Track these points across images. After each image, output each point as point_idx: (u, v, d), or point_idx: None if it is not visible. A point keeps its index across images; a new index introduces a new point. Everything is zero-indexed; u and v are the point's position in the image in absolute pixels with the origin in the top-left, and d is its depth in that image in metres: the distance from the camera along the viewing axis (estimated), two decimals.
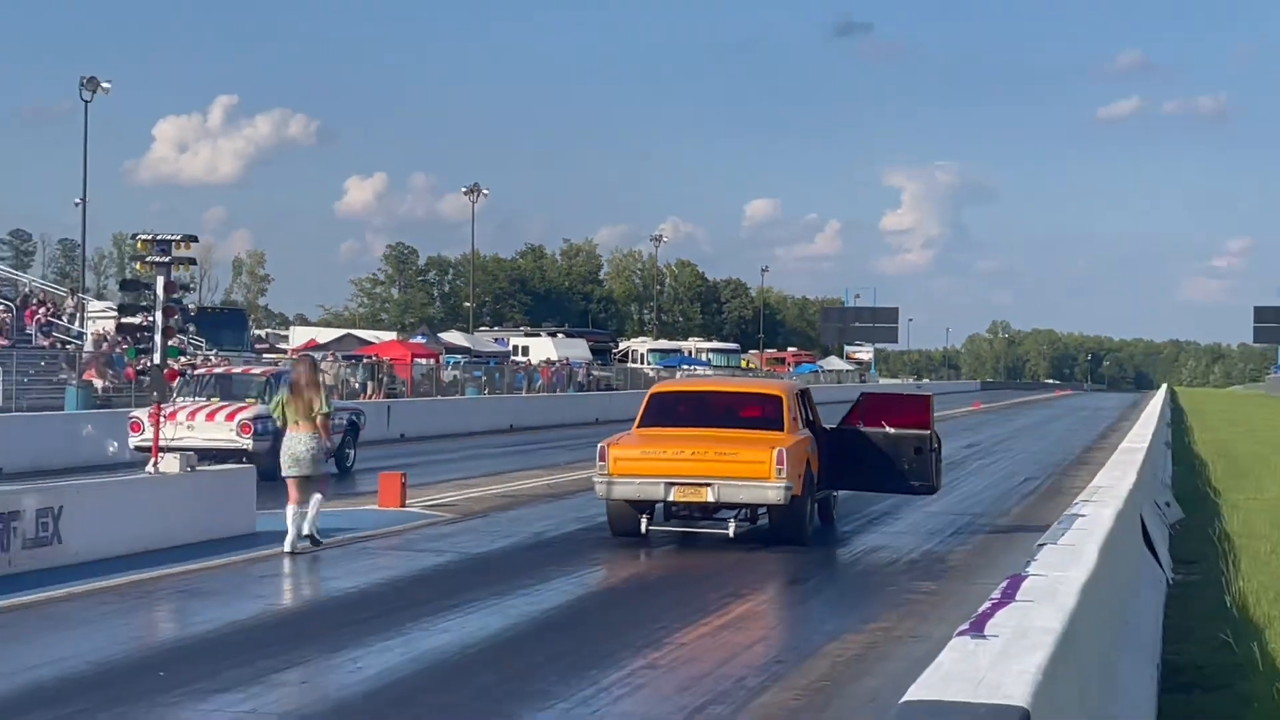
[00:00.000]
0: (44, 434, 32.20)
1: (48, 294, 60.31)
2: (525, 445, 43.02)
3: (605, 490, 20.18)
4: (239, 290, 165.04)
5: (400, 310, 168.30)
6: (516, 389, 67.89)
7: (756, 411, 20.97)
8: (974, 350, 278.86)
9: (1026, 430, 59.74)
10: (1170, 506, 23.41)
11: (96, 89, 61.82)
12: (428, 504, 24.44)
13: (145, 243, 19.87)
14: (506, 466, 33.76)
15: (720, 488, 19.65)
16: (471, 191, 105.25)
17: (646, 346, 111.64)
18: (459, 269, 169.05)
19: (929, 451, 21.83)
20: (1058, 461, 39.84)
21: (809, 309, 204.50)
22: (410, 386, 60.29)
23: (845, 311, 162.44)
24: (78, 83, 61.55)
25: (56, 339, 51.23)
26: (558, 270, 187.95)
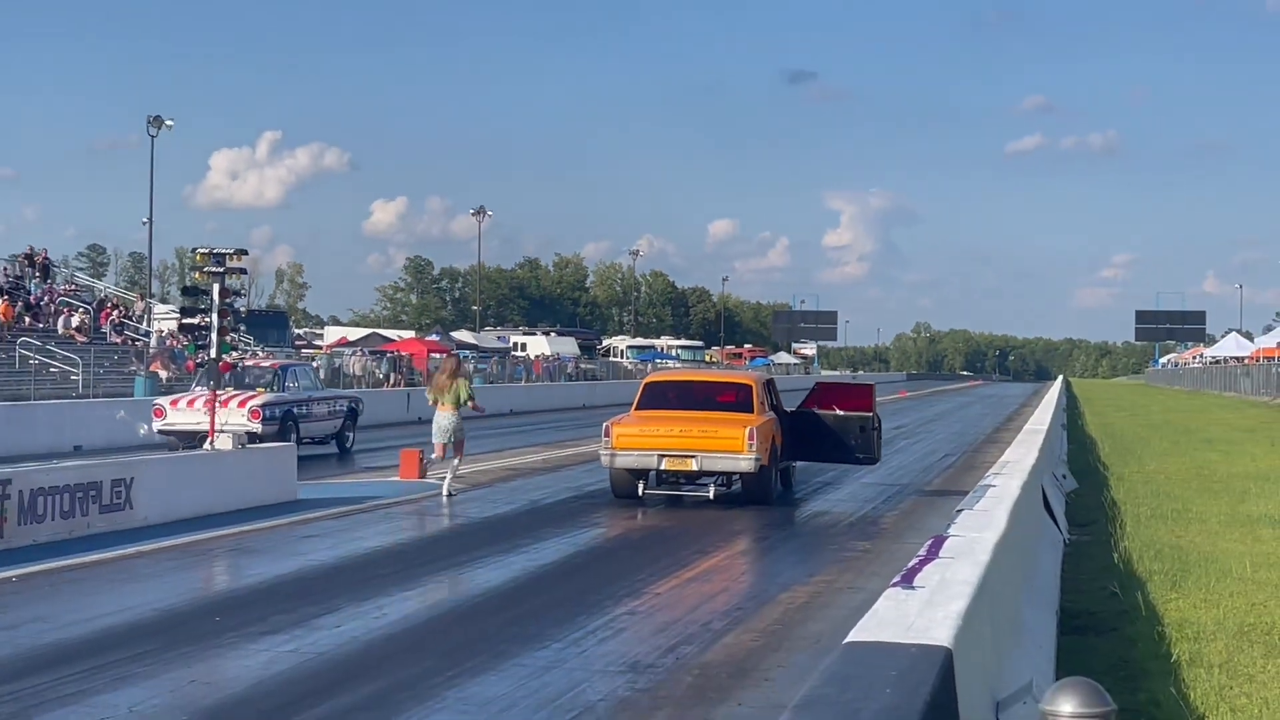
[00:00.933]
0: (116, 417, 32.02)
1: (120, 299, 60.11)
2: (524, 426, 42.90)
3: (609, 461, 20.75)
4: (281, 296, 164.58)
5: (418, 313, 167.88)
6: (516, 379, 67.79)
7: (731, 397, 21.56)
8: (900, 347, 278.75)
9: (945, 415, 59.74)
10: (1066, 478, 23.41)
11: (161, 126, 61.55)
12: (441, 476, 24.32)
13: (203, 255, 19.80)
14: (508, 444, 33.66)
15: (702, 458, 20.28)
16: (479, 213, 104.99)
17: (625, 344, 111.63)
18: (467, 278, 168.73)
19: (872, 430, 22.34)
20: (971, 441, 39.84)
21: (762, 312, 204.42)
22: (426, 377, 60.14)
23: (793, 314, 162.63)
24: (145, 120, 61.25)
25: (128, 336, 51.00)
26: (550, 279, 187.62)
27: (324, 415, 30.14)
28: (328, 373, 52.99)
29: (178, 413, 28.02)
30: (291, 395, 29.30)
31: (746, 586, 14.34)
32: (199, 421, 25.86)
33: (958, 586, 6.79)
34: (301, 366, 32.88)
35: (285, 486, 20.19)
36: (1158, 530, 17.26)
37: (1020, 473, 13.91)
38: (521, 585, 13.89)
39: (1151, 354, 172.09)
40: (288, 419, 28.52)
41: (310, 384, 30.75)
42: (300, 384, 30.07)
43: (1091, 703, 5.03)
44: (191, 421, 27.24)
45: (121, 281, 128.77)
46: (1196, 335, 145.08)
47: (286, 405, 28.80)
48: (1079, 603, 12.42)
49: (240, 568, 15.25)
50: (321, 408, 30.12)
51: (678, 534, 17.88)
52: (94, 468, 17.12)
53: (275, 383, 29.22)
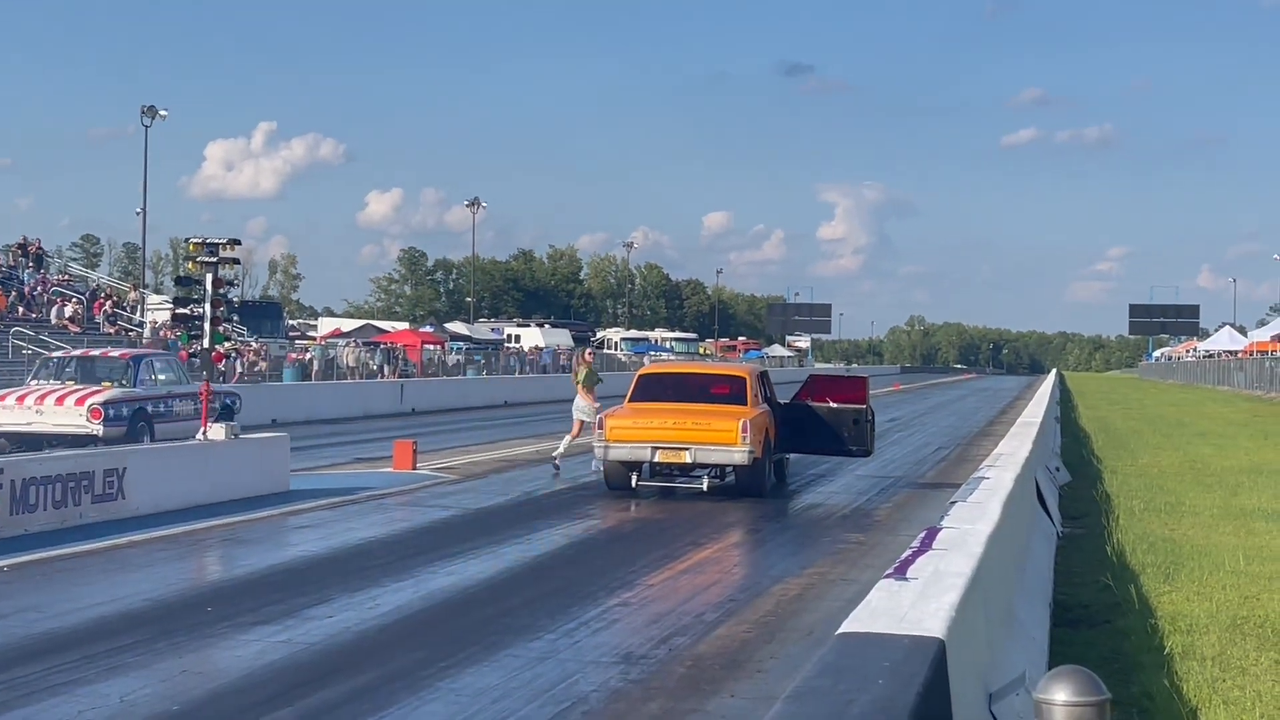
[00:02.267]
0: None
1: (113, 289, 60.03)
2: (518, 418, 42.86)
3: (603, 453, 20.77)
4: (275, 287, 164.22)
5: (412, 304, 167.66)
6: (510, 371, 67.74)
7: (725, 390, 21.55)
8: (894, 340, 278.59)
9: (939, 407, 59.77)
10: (1060, 471, 23.43)
11: (155, 116, 61.31)
12: (435, 467, 24.35)
13: (196, 245, 19.75)
14: (502, 436, 33.63)
15: (696, 451, 20.32)
16: (473, 204, 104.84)
17: (619, 336, 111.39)
18: (462, 269, 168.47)
19: (865, 422, 22.32)
20: (965, 433, 39.84)
21: (756, 305, 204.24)
22: (420, 368, 60.13)
23: (787, 307, 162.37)
24: (139, 110, 61.07)
25: (121, 327, 50.93)
26: (545, 271, 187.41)
27: (189, 415, 25.78)
28: (322, 363, 52.98)
29: (4, 410, 24.88)
30: (145, 391, 25.85)
31: (739, 578, 14.34)
32: (29, 422, 23.91)
33: (951, 578, 6.78)
34: (161, 357, 28.47)
35: (277, 477, 20.16)
36: (1151, 523, 17.27)
37: (1014, 465, 13.90)
38: (515, 576, 13.87)
39: (1145, 348, 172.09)
40: (139, 419, 25.30)
41: (172, 377, 26.91)
42: (158, 378, 26.44)
43: (1086, 691, 5.03)
44: (18, 422, 24.50)
45: (116, 272, 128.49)
46: (1190, 329, 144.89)
47: (138, 403, 25.41)
48: (1072, 595, 12.42)
49: (232, 558, 15.21)
50: (186, 405, 26.27)
51: (671, 526, 17.87)
52: (86, 457, 17.10)
53: (126, 376, 25.74)
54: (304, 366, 51.51)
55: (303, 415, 38.65)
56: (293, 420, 36.50)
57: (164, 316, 46.09)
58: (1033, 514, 14.75)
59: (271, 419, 35.69)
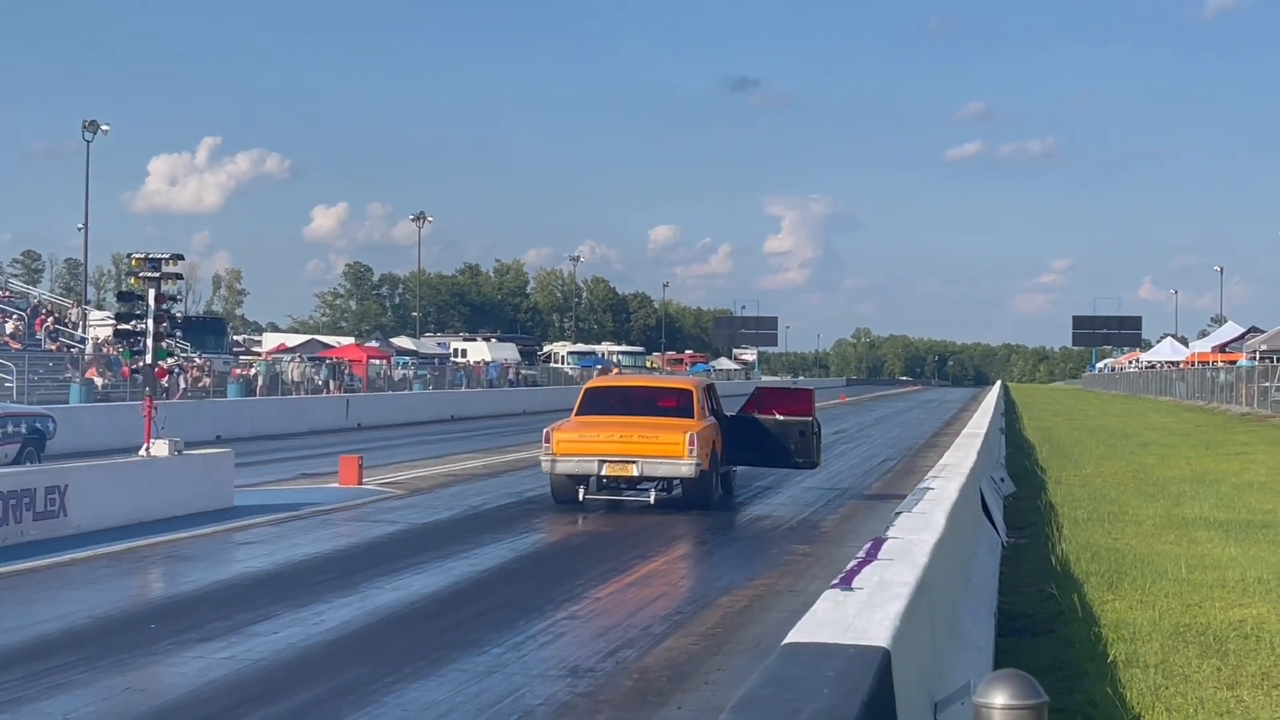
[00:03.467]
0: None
1: (55, 305, 59.56)
2: (464, 433, 42.77)
3: (550, 467, 20.72)
4: (219, 302, 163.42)
5: (357, 319, 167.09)
6: (456, 385, 67.57)
7: (672, 403, 21.59)
8: (840, 352, 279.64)
9: (885, 419, 60.00)
10: (1004, 482, 23.54)
11: (97, 130, 61.00)
12: (381, 482, 24.24)
13: (139, 260, 19.60)
14: (448, 450, 33.53)
15: (643, 464, 20.38)
16: (418, 218, 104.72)
17: (566, 349, 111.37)
18: (408, 284, 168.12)
19: (811, 434, 22.42)
20: (910, 445, 40.00)
21: (703, 318, 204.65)
22: (366, 383, 59.91)
23: (733, 320, 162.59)
24: (81, 125, 60.67)
25: (63, 343, 50.53)
26: (491, 285, 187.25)
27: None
28: (267, 379, 52.71)
29: None
30: None
31: (686, 591, 14.33)
32: None
33: (896, 588, 6.80)
34: None
35: (222, 493, 20.03)
36: (1094, 533, 17.37)
37: (958, 475, 13.96)
38: (461, 590, 13.82)
39: (1088, 359, 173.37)
40: None
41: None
42: None
43: (1024, 694, 5.06)
44: None
45: (57, 288, 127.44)
46: (1133, 340, 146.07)
47: None
48: (1017, 604, 12.48)
49: (176, 575, 15.07)
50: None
51: (618, 539, 17.86)
52: (27, 474, 16.95)
53: None
54: (249, 382, 51.23)
55: (248, 431, 38.45)
56: (238, 436, 36.33)
57: (106, 332, 45.71)
58: (977, 524, 14.81)
59: (216, 435, 35.51)
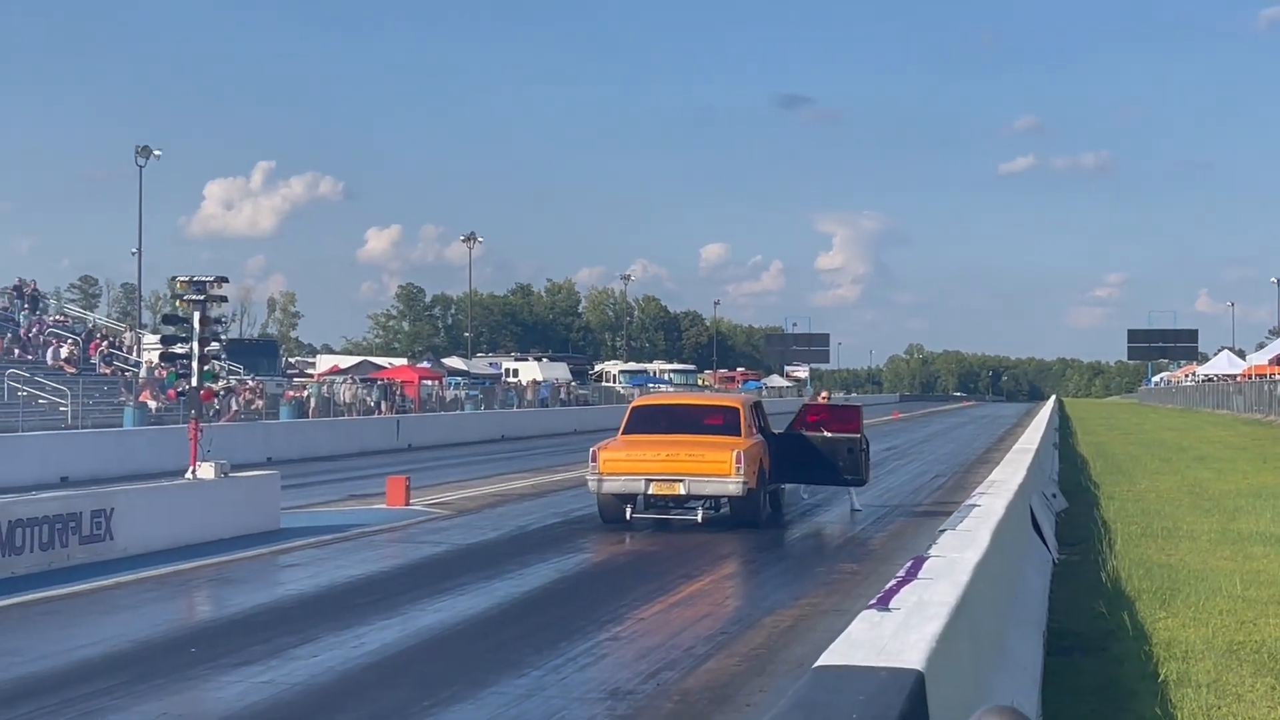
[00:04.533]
0: (104, 448, 31.89)
1: (109, 329, 59.98)
2: (514, 452, 42.72)
3: (596, 486, 20.60)
4: (273, 325, 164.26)
5: (410, 340, 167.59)
6: (508, 405, 67.60)
7: (719, 420, 21.40)
8: (893, 368, 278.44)
9: (937, 435, 59.60)
10: (1056, 498, 23.25)
11: (149, 156, 61.48)
12: (428, 503, 24.21)
13: (184, 283, 19.63)
14: (497, 470, 33.48)
15: (690, 483, 20.18)
16: (469, 239, 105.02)
17: (618, 368, 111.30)
18: (460, 305, 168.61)
19: (859, 451, 22.23)
20: (963, 461, 39.68)
21: (755, 335, 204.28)
22: (418, 404, 60.01)
23: (785, 337, 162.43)
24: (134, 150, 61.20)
25: (117, 367, 50.84)
26: (543, 305, 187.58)
27: None
28: (318, 401, 52.90)
29: None
30: None
31: (731, 610, 14.16)
32: None
33: (934, 608, 6.64)
34: None
35: (268, 515, 20.02)
36: (1148, 549, 17.11)
37: (1006, 492, 13.76)
38: (504, 612, 13.71)
39: (1144, 373, 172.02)
40: None
41: None
42: None
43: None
44: None
45: (114, 313, 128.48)
46: (1189, 353, 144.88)
47: None
48: (1067, 623, 12.26)
49: (219, 598, 15.05)
50: None
51: (664, 558, 17.72)
52: (74, 498, 16.95)
53: None
54: (301, 404, 51.40)
55: (299, 453, 38.53)
56: (289, 458, 36.38)
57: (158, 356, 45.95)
58: (1027, 541, 14.60)
59: (267, 457, 35.56)
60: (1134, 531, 18.96)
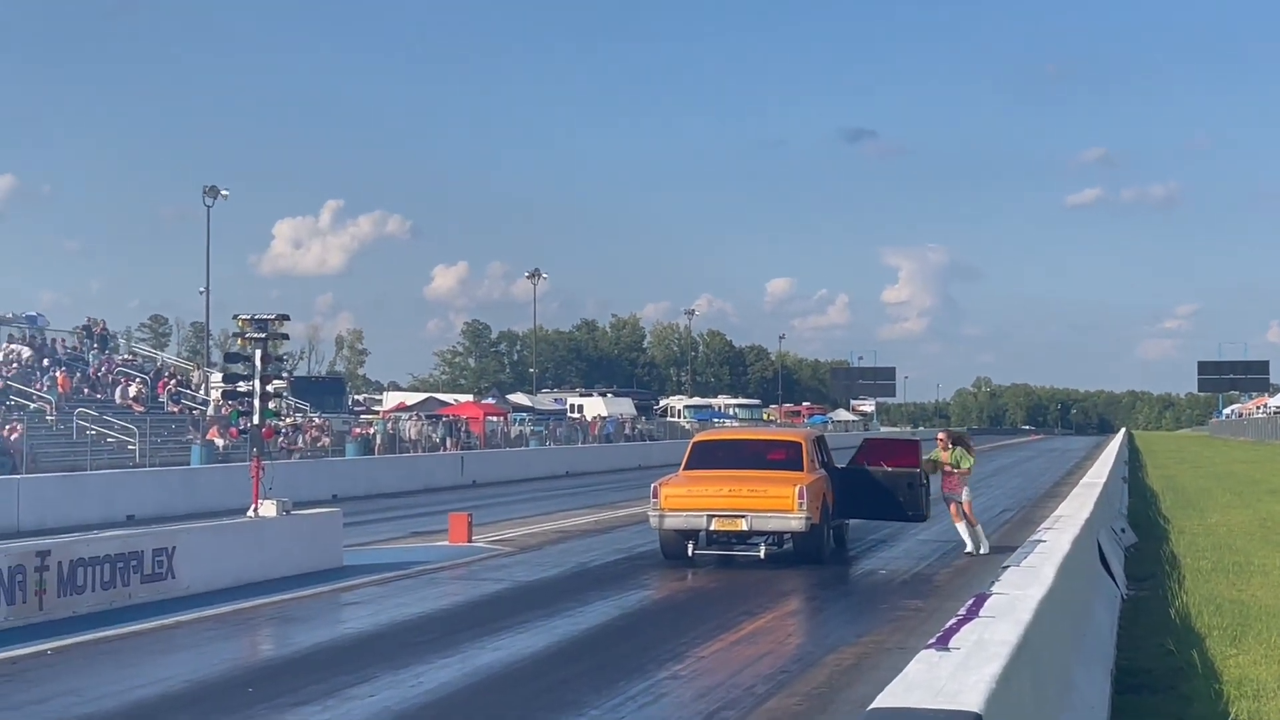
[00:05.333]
0: (169, 486, 32.06)
1: (178, 368, 60.45)
2: (578, 488, 42.64)
3: (658, 522, 20.49)
4: (341, 362, 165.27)
5: (476, 376, 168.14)
6: (572, 440, 67.58)
7: (781, 455, 21.25)
8: (961, 402, 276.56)
9: (1005, 469, 59.08)
10: (1125, 532, 22.93)
11: (217, 195, 62.04)
12: (491, 539, 24.16)
13: (246, 321, 19.70)
14: (560, 506, 33.41)
15: (752, 518, 20.00)
16: (533, 275, 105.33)
17: (683, 403, 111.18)
18: (525, 340, 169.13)
19: (919, 486, 21.93)
20: (1030, 495, 39.25)
21: (820, 369, 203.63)
22: (483, 440, 60.07)
23: (851, 371, 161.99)
24: (202, 190, 61.78)
25: (185, 405, 51.20)
26: (608, 340, 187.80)
27: None
28: (384, 438, 53.07)
29: None
30: None
31: (793, 649, 13.97)
32: None
33: (995, 647, 6.48)
34: None
35: (330, 553, 20.01)
36: (1218, 584, 16.81)
37: (1072, 527, 13.55)
38: (563, 650, 13.60)
39: (1215, 405, 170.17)
40: None
41: None
42: None
43: None
44: None
45: (184, 351, 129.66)
46: (1260, 385, 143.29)
47: None
48: (1135, 660, 12.03)
49: (279, 636, 15.02)
50: None
51: (726, 595, 17.55)
52: (135, 537, 16.98)
53: None
54: (367, 441, 51.59)
55: (364, 490, 38.62)
56: (354, 495, 36.51)
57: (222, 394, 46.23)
58: (1094, 577, 14.36)
59: (332, 494, 35.68)
60: (1204, 566, 18.65)
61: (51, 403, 44.65)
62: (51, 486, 28.97)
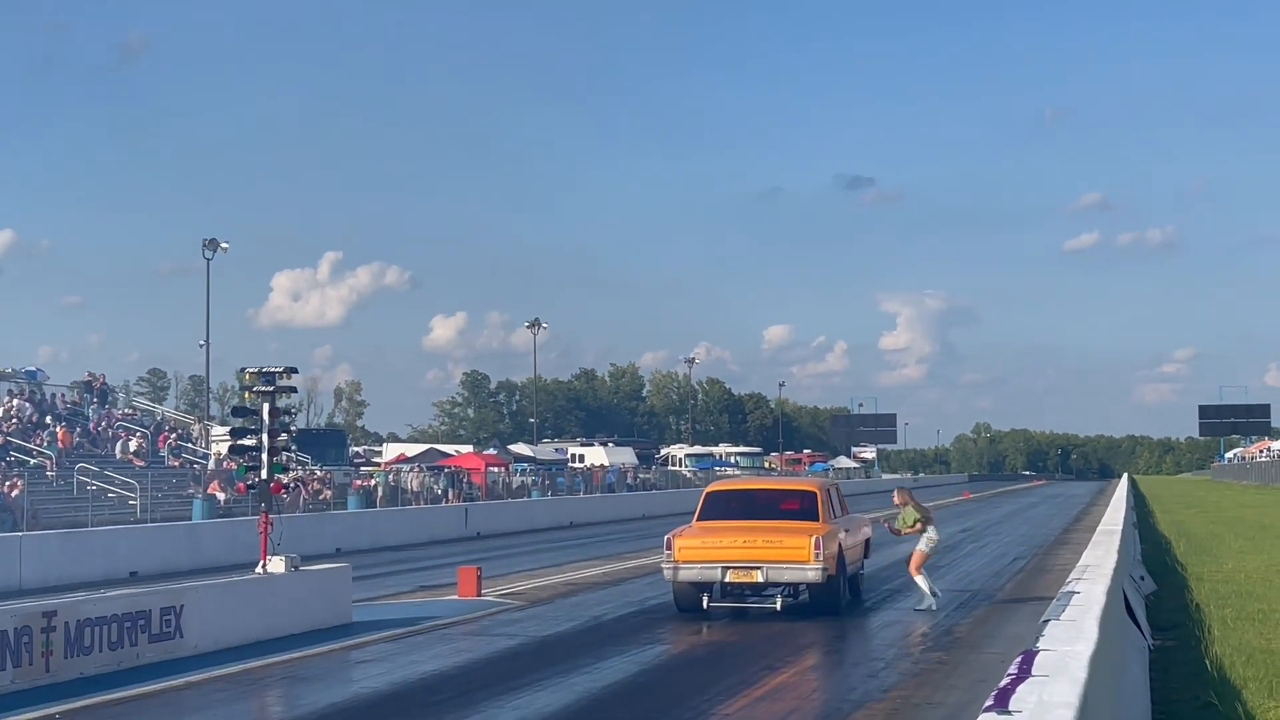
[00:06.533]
0: (173, 541, 31.70)
1: (178, 421, 60.16)
2: (583, 539, 42.28)
3: (672, 574, 20.15)
4: (340, 414, 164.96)
5: (475, 427, 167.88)
6: (575, 491, 67.22)
7: (795, 505, 20.98)
8: (961, 448, 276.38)
9: (1011, 516, 58.71)
10: (1144, 580, 22.61)
11: (216, 248, 61.82)
12: (500, 593, 23.81)
13: (252, 375, 19.40)
14: (568, 558, 33.06)
15: (768, 570, 19.70)
16: (533, 325, 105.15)
17: (683, 452, 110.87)
18: (524, 390, 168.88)
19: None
20: (1040, 542, 38.92)
21: (820, 416, 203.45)
22: (485, 491, 59.72)
23: (851, 418, 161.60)
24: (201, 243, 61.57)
25: (185, 459, 50.90)
26: (607, 389, 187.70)
27: None
28: (386, 490, 52.73)
29: None
30: None
31: (819, 705, 13.61)
32: None
33: (1058, 710, 6.20)
34: None
35: (340, 609, 19.68)
36: (1246, 633, 16.51)
37: (1103, 577, 13.26)
38: (583, 709, 13.25)
39: (1216, 449, 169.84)
40: None
41: None
42: None
43: None
44: None
45: (183, 405, 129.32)
46: (1261, 428, 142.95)
47: None
48: (1173, 714, 11.74)
49: (290, 697, 14.65)
50: None
51: (745, 649, 17.21)
52: (142, 596, 16.63)
53: None
54: (369, 493, 51.23)
55: (367, 543, 38.27)
56: (357, 548, 36.15)
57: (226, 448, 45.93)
58: (1124, 628, 14.05)
59: (336, 548, 35.34)
60: (1228, 615, 18.36)
61: (52, 458, 44.36)
62: (54, 544, 28.61)
